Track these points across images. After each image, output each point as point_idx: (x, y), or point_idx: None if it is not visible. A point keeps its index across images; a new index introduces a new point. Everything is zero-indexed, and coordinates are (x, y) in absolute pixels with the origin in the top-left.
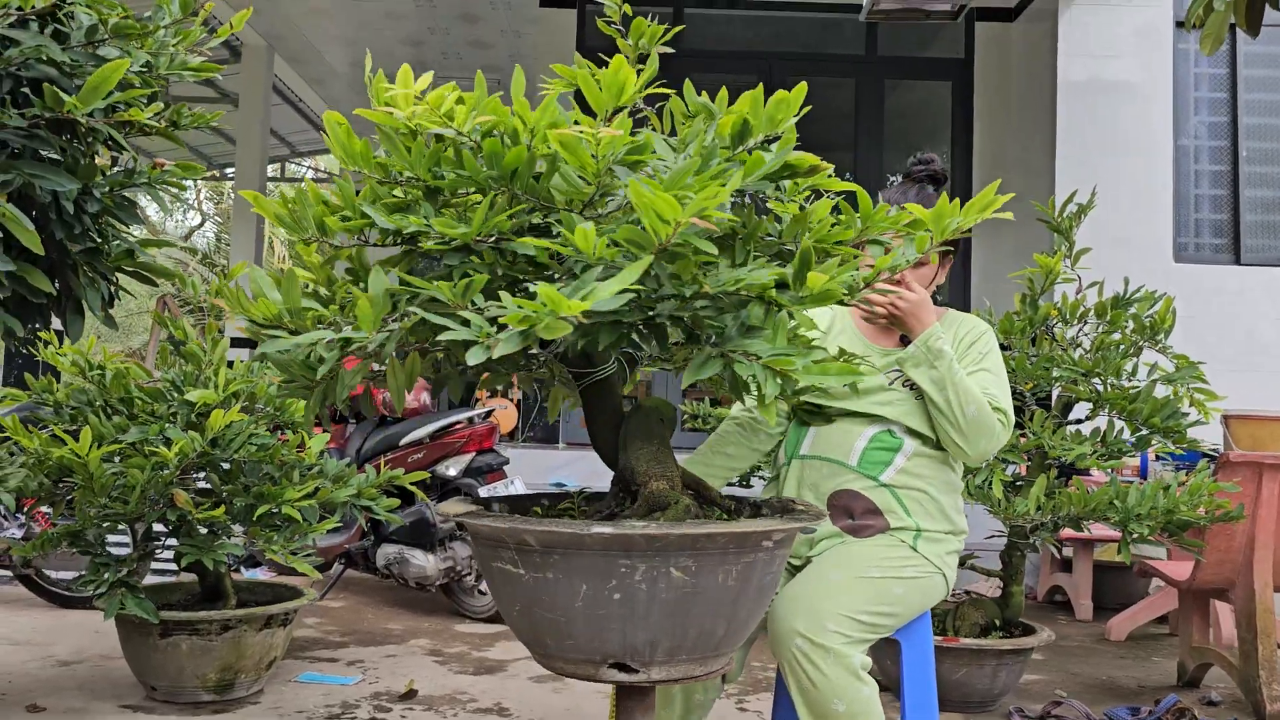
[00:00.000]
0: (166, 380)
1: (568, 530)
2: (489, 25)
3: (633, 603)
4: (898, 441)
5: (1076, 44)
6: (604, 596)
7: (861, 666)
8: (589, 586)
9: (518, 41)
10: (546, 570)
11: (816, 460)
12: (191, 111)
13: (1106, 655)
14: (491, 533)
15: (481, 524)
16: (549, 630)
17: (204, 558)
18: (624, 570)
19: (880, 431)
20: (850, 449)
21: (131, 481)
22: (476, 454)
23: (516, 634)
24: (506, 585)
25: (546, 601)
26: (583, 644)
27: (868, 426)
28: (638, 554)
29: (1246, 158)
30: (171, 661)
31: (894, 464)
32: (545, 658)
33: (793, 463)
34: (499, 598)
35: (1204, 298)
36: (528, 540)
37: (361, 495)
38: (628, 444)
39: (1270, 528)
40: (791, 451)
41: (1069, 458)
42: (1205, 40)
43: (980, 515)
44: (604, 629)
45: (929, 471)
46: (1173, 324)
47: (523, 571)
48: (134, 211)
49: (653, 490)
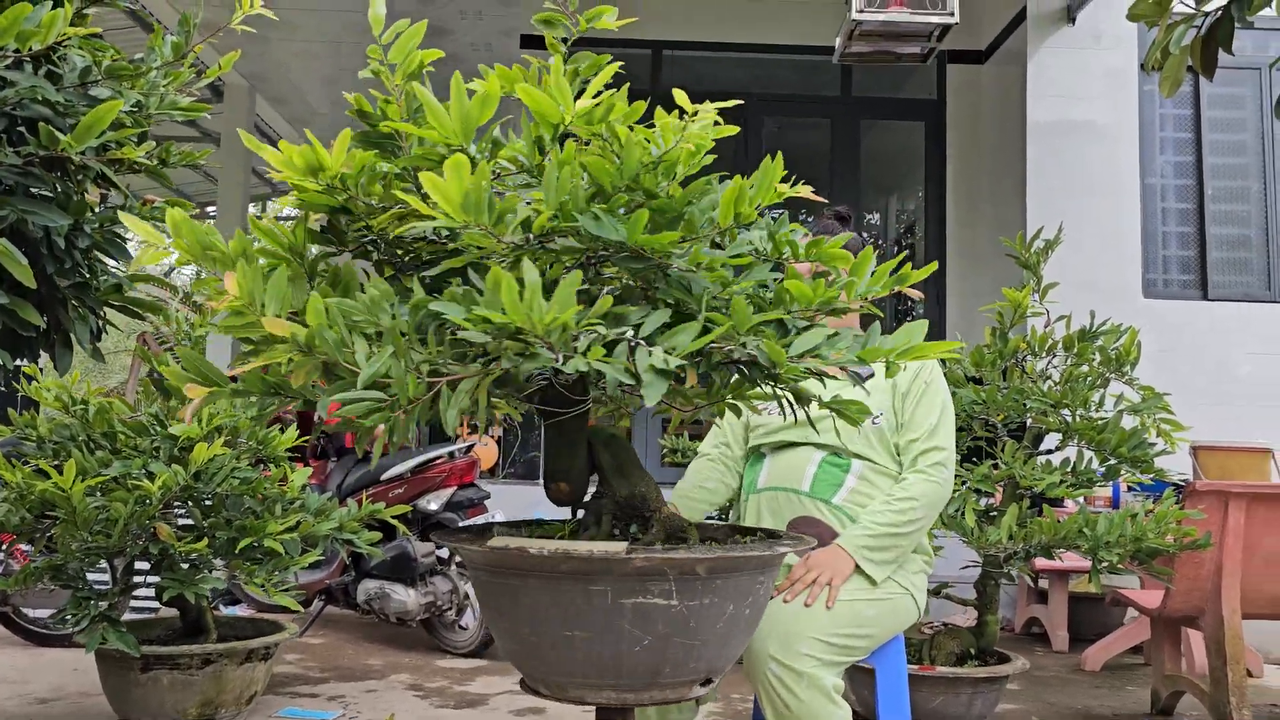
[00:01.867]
0: (150, 414)
1: (737, 554)
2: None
3: (752, 618)
4: (846, 462)
5: (1045, 86)
6: (740, 614)
7: (835, 689)
8: (734, 606)
9: None
10: (706, 596)
11: (772, 491)
12: (180, 150)
13: (1082, 685)
14: (652, 567)
15: (643, 558)
16: (678, 655)
17: (186, 591)
18: (760, 587)
19: (828, 455)
20: (802, 475)
21: (114, 515)
22: (458, 488)
23: (622, 670)
24: (644, 621)
25: (693, 628)
26: (707, 662)
27: (816, 452)
28: (753, 571)
29: (1211, 196)
30: (152, 696)
31: (845, 484)
32: (653, 686)
33: (750, 497)
34: (621, 638)
35: (1174, 332)
36: (697, 570)
37: (343, 529)
38: (628, 471)
39: (1237, 555)
40: (750, 487)
41: (1040, 487)
42: (1164, 83)
43: (955, 546)
44: (726, 645)
45: (880, 492)
46: (1138, 356)
47: (675, 602)
48: (123, 247)
49: (667, 515)
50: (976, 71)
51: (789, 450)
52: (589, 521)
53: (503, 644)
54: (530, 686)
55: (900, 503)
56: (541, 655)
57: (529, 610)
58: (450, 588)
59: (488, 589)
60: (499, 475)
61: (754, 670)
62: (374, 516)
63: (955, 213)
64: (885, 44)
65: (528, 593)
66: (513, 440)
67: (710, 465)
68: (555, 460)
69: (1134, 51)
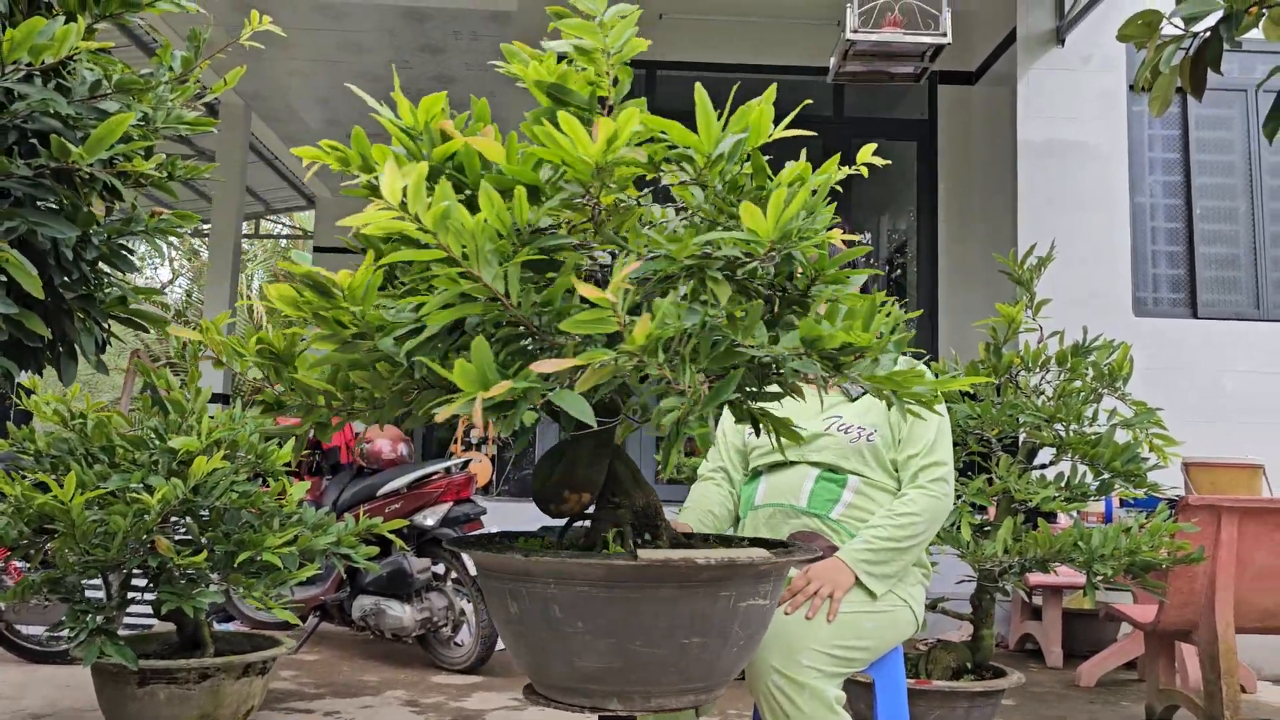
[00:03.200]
0: (149, 428)
1: (797, 557)
2: (461, 86)
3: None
4: (842, 478)
5: (1035, 107)
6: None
7: (836, 700)
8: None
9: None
10: (775, 596)
11: (770, 507)
12: (185, 164)
13: (1077, 700)
14: (769, 569)
15: (770, 562)
16: (750, 652)
17: (184, 605)
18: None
19: (824, 470)
20: (799, 491)
21: (114, 528)
22: (454, 504)
23: (715, 672)
24: (748, 622)
25: (765, 625)
26: (748, 658)
27: (812, 469)
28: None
29: (1200, 215)
30: (148, 710)
31: (842, 499)
32: (721, 685)
33: (749, 514)
34: (728, 641)
35: (1165, 350)
36: (782, 570)
37: (341, 543)
38: (641, 482)
39: (1230, 569)
40: (747, 504)
41: (1034, 501)
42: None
43: (950, 561)
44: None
45: (878, 506)
46: (1130, 371)
47: (768, 602)
48: (129, 259)
49: (669, 524)
50: (968, 92)
51: (785, 469)
52: (603, 530)
53: (565, 662)
54: (582, 702)
55: (901, 517)
56: (640, 666)
57: (649, 620)
58: (446, 604)
59: (593, 605)
60: (494, 492)
61: (756, 682)
62: (371, 531)
63: (947, 229)
64: (879, 64)
65: (649, 603)
66: (507, 458)
67: (715, 489)
68: (577, 471)
69: (1122, 72)
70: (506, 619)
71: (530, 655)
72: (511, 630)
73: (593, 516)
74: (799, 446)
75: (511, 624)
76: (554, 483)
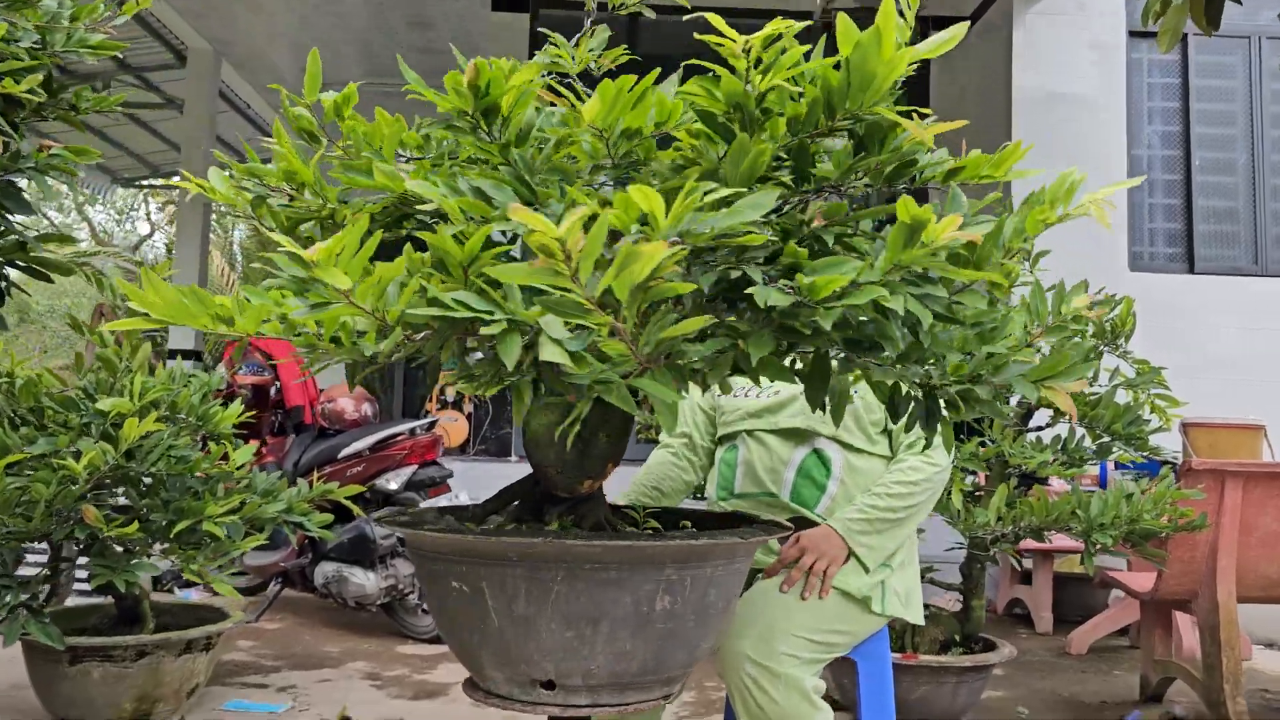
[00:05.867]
0: (78, 388)
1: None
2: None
3: None
4: (826, 470)
5: (1030, 55)
6: None
7: (814, 690)
8: None
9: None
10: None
11: (749, 497)
12: (94, 96)
13: (1068, 669)
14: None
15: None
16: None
17: (115, 579)
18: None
19: (807, 455)
20: (781, 481)
21: (35, 496)
22: (419, 467)
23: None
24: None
25: None
26: None
27: (794, 451)
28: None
29: (1199, 167)
30: (81, 691)
31: (827, 491)
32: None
33: (727, 502)
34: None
35: (1159, 306)
36: None
37: (292, 510)
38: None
39: (1233, 537)
40: (724, 493)
41: (1029, 466)
42: (1163, 36)
43: (939, 528)
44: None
45: (862, 487)
46: (1133, 327)
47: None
48: (22, 199)
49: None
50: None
51: (762, 447)
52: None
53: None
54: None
55: (897, 485)
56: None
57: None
58: (412, 570)
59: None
60: (470, 451)
61: (728, 672)
62: (327, 497)
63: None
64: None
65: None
66: (483, 416)
67: (672, 463)
68: (601, 451)
69: (1121, 18)
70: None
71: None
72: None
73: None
74: (773, 415)
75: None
76: (572, 464)
